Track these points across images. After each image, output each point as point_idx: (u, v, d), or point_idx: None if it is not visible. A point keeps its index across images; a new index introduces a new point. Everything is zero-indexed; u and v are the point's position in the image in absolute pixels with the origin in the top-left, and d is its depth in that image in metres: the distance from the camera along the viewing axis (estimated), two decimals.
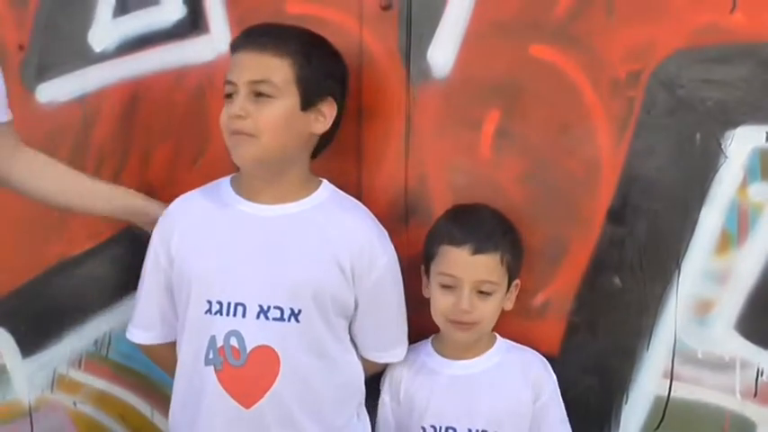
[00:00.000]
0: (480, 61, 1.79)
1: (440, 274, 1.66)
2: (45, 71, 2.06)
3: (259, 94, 1.56)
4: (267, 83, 1.55)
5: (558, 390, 1.79)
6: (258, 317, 1.58)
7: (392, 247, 1.69)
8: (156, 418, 2.10)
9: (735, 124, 1.64)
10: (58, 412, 2.11)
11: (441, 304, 1.67)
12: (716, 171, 1.67)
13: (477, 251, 1.65)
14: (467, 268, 1.66)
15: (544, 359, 1.78)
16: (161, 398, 2.03)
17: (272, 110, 1.56)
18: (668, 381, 1.76)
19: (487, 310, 1.67)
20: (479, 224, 1.70)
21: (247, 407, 1.59)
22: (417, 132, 1.83)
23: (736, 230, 1.68)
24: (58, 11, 2.07)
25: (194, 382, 1.62)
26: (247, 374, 1.60)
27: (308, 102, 1.59)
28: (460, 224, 1.70)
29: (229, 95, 1.58)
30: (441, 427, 1.71)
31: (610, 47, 1.70)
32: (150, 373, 2.03)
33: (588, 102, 1.73)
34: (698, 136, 1.67)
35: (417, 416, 1.72)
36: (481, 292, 1.65)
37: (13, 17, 2.09)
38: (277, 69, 1.56)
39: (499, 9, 1.76)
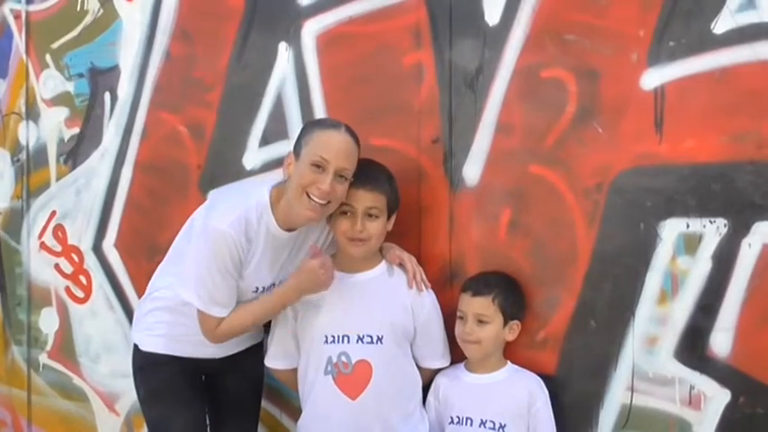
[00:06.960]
0: (497, 176, 2.29)
1: (458, 309, 2.28)
2: (214, 184, 2.71)
3: (368, 215, 2.22)
4: (375, 208, 2.22)
5: (549, 403, 2.17)
6: (358, 342, 2.23)
7: (433, 292, 2.30)
8: (285, 420, 2.65)
9: (665, 217, 2.07)
10: None
11: (457, 329, 2.27)
12: (655, 248, 2.09)
13: (474, 294, 2.22)
14: (469, 305, 2.23)
15: (539, 379, 2.21)
16: (288, 406, 2.61)
17: (377, 225, 2.23)
18: (630, 393, 2.14)
19: (484, 334, 2.20)
20: (481, 279, 2.23)
21: (354, 398, 2.23)
22: (457, 223, 2.35)
23: (671, 288, 2.08)
24: (222, 142, 2.70)
25: (317, 388, 2.27)
26: (353, 378, 2.23)
27: (390, 215, 2.27)
28: (470, 278, 2.27)
29: (346, 213, 2.22)
30: (463, 417, 2.22)
31: (582, 166, 2.16)
32: (281, 388, 2.59)
33: (569, 203, 2.19)
34: (642, 225, 2.10)
35: (450, 408, 2.27)
36: (480, 321, 2.20)
37: (194, 147, 2.76)
38: (380, 201, 2.23)
39: (509, 141, 2.26)
